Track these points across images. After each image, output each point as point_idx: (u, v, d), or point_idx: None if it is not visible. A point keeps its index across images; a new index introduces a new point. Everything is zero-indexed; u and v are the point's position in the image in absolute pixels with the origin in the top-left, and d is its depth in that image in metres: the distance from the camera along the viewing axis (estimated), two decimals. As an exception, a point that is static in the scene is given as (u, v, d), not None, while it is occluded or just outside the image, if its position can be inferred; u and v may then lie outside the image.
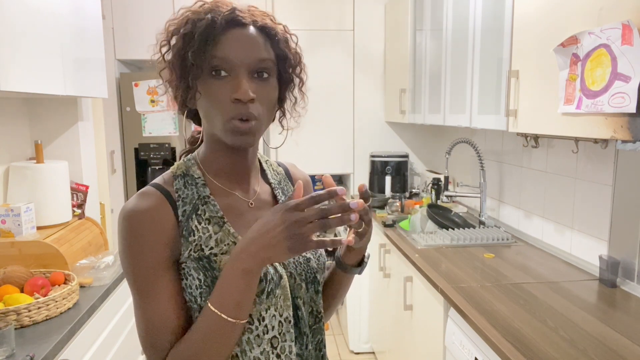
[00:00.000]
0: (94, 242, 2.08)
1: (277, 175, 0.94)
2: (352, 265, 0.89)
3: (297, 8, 3.25)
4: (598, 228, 1.76)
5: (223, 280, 0.71)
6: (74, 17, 1.97)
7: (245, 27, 0.76)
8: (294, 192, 0.72)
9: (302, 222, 0.66)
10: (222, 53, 0.74)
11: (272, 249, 0.68)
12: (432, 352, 1.83)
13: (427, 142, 3.51)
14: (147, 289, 0.75)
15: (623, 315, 1.40)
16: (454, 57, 2.26)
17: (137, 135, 3.20)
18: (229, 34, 0.75)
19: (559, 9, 1.42)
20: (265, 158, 0.95)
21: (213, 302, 0.71)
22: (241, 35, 0.76)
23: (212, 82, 0.75)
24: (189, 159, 0.85)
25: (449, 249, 2.08)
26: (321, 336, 0.88)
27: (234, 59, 0.74)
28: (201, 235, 0.78)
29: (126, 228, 0.75)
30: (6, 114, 2.03)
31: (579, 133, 1.34)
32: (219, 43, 0.74)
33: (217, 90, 0.75)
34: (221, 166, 0.84)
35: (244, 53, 0.75)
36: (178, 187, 0.80)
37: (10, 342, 1.24)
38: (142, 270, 0.75)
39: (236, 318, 0.71)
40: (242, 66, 0.75)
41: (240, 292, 0.70)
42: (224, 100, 0.75)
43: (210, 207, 0.80)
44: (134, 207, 0.76)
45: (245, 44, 0.75)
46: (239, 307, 0.71)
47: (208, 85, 0.75)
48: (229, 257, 0.76)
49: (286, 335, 0.80)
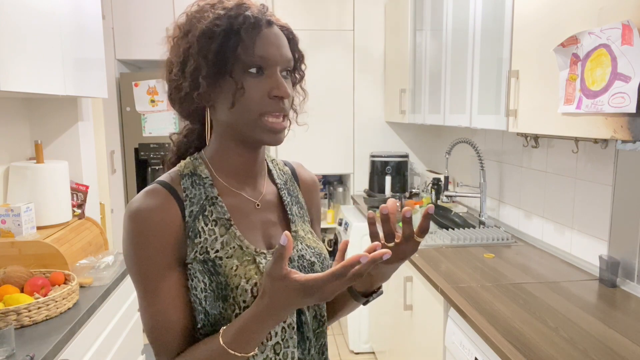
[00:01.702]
0: (94, 242, 2.08)
1: (283, 175, 0.93)
2: (360, 292, 0.87)
3: (297, 8, 3.25)
4: (598, 228, 1.75)
5: (244, 326, 0.70)
6: (74, 17, 1.97)
7: (273, 27, 0.78)
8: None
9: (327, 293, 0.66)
10: (262, 51, 0.75)
11: (300, 306, 0.69)
12: (432, 352, 1.83)
13: (427, 142, 3.51)
14: (151, 289, 0.75)
15: (623, 315, 1.40)
16: (454, 57, 2.26)
17: (137, 135, 3.20)
18: (265, 32, 0.76)
19: (559, 9, 1.42)
20: (271, 158, 0.94)
21: (227, 341, 0.70)
22: (276, 34, 0.77)
23: (248, 78, 0.75)
24: (195, 158, 0.84)
25: (449, 249, 2.08)
26: (324, 340, 0.87)
27: (271, 57, 0.76)
28: (207, 237, 0.77)
29: (132, 227, 0.74)
30: (6, 114, 2.03)
31: (579, 133, 1.34)
32: (257, 40, 0.75)
33: (254, 87, 0.75)
34: (232, 165, 0.83)
35: (279, 52, 0.77)
36: (185, 186, 0.79)
37: (10, 342, 1.24)
38: (147, 270, 0.74)
39: (248, 352, 0.71)
40: (277, 64, 0.77)
41: (262, 335, 0.71)
42: (259, 97, 0.75)
43: (218, 209, 0.79)
44: (140, 205, 0.75)
45: (279, 43, 0.77)
46: (254, 345, 0.71)
47: (244, 82, 0.75)
48: (233, 262, 0.76)
49: (289, 342, 0.79)
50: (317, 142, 3.37)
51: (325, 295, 0.65)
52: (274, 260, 0.65)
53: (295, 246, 0.84)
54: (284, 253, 0.64)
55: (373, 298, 0.87)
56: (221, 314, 0.76)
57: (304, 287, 0.65)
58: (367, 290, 0.86)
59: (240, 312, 0.75)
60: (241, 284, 0.75)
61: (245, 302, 0.75)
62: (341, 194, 3.62)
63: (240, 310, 0.75)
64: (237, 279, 0.75)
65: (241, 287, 0.75)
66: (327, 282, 0.64)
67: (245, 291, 0.75)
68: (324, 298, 0.65)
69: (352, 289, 0.87)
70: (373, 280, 0.84)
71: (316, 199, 0.98)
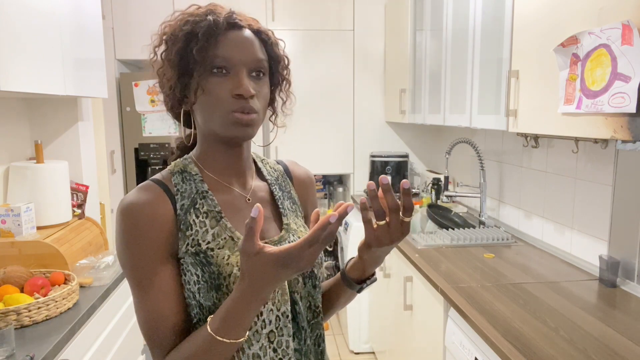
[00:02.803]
0: (94, 242, 2.08)
1: (274, 172, 0.95)
2: (355, 280, 0.88)
3: (297, 8, 3.25)
4: (598, 228, 1.76)
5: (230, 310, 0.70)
6: (74, 17, 1.97)
7: (242, 30, 0.81)
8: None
9: (306, 260, 0.66)
10: (223, 52, 0.78)
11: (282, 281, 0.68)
12: (432, 352, 1.83)
13: (427, 142, 3.51)
14: (144, 283, 0.76)
15: (623, 315, 1.40)
16: (454, 57, 2.26)
17: (137, 135, 3.20)
18: (229, 34, 0.79)
19: (559, 9, 1.42)
20: (260, 157, 0.96)
21: (215, 328, 0.70)
22: (240, 36, 0.80)
23: (213, 79, 0.78)
24: (185, 158, 0.87)
25: (449, 249, 2.08)
26: (320, 331, 0.88)
27: (234, 58, 0.78)
28: (198, 229, 0.79)
29: (124, 221, 0.76)
30: (6, 114, 2.03)
31: (579, 133, 1.34)
32: (220, 43, 0.78)
33: (218, 87, 0.78)
34: (217, 163, 0.85)
35: (244, 53, 0.79)
36: (176, 182, 0.82)
37: (10, 342, 1.24)
38: (139, 264, 0.75)
39: (238, 338, 0.71)
40: (242, 65, 0.79)
41: (248, 318, 0.70)
42: (225, 96, 0.78)
43: (209, 202, 0.81)
44: (132, 200, 0.77)
45: (244, 45, 0.80)
46: (242, 330, 0.71)
47: (208, 82, 0.78)
48: (225, 252, 0.77)
49: (283, 330, 0.80)
50: (317, 142, 3.37)
51: (303, 264, 0.65)
52: (246, 237, 0.65)
53: (287, 238, 0.86)
54: (254, 227, 0.65)
55: (367, 285, 0.88)
56: (215, 304, 0.77)
57: (279, 259, 0.65)
58: (361, 277, 0.88)
59: None
60: (234, 271, 0.76)
61: None
62: (341, 194, 3.63)
63: None
64: (229, 267, 0.77)
65: (234, 274, 0.76)
66: (302, 249, 0.64)
67: (237, 278, 0.75)
68: (302, 267, 0.66)
69: (345, 276, 0.88)
70: (366, 266, 0.85)
71: (312, 195, 1.00)
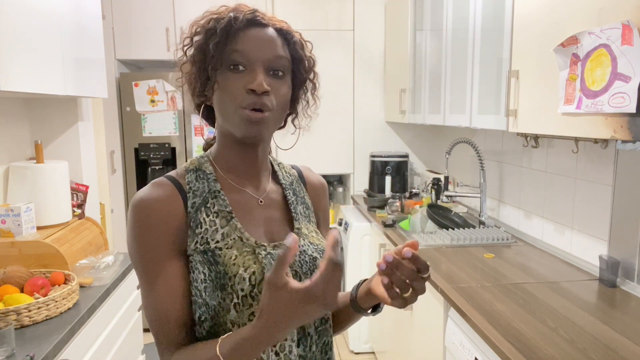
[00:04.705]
0: (94, 242, 2.08)
1: (289, 177, 0.94)
2: (365, 309, 0.86)
3: (297, 8, 3.25)
4: (598, 228, 1.75)
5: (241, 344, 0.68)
6: (74, 17, 1.97)
7: (265, 28, 0.81)
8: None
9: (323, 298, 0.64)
10: (241, 48, 0.78)
11: (305, 319, 0.66)
12: (432, 352, 1.83)
13: (427, 142, 3.50)
14: (153, 277, 0.76)
15: (623, 315, 1.40)
16: (454, 57, 2.26)
17: (137, 135, 3.20)
18: (249, 31, 0.79)
19: (559, 9, 1.42)
20: (277, 161, 0.96)
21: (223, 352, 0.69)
22: (260, 33, 0.79)
23: (230, 75, 0.78)
24: (202, 156, 0.87)
25: (449, 249, 2.08)
26: (327, 338, 0.87)
27: (251, 54, 0.78)
28: (208, 228, 0.79)
29: (135, 215, 0.77)
30: (6, 114, 2.03)
31: (579, 133, 1.34)
32: (238, 38, 0.78)
33: (233, 83, 0.78)
34: (232, 162, 0.86)
35: (262, 49, 0.78)
36: (190, 180, 0.82)
37: (10, 342, 1.24)
38: (148, 257, 0.76)
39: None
40: (259, 61, 0.78)
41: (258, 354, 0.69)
42: (238, 91, 0.77)
43: (220, 202, 0.81)
44: (144, 195, 0.78)
45: (263, 42, 0.79)
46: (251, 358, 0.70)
47: (225, 78, 0.79)
48: (233, 252, 0.77)
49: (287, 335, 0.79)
50: (317, 142, 3.37)
51: (328, 298, 0.63)
52: (276, 267, 0.63)
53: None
54: (287, 257, 0.63)
55: (380, 310, 0.87)
56: (220, 304, 0.77)
57: (305, 293, 0.63)
58: (371, 305, 0.86)
59: (238, 301, 0.76)
60: (239, 272, 0.76)
61: (243, 290, 0.76)
62: (341, 194, 3.63)
63: (238, 300, 0.76)
64: (235, 267, 0.77)
65: (239, 275, 0.76)
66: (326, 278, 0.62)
67: (243, 279, 0.76)
68: (327, 304, 0.63)
69: (356, 305, 0.87)
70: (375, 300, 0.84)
71: (324, 202, 1.00)
